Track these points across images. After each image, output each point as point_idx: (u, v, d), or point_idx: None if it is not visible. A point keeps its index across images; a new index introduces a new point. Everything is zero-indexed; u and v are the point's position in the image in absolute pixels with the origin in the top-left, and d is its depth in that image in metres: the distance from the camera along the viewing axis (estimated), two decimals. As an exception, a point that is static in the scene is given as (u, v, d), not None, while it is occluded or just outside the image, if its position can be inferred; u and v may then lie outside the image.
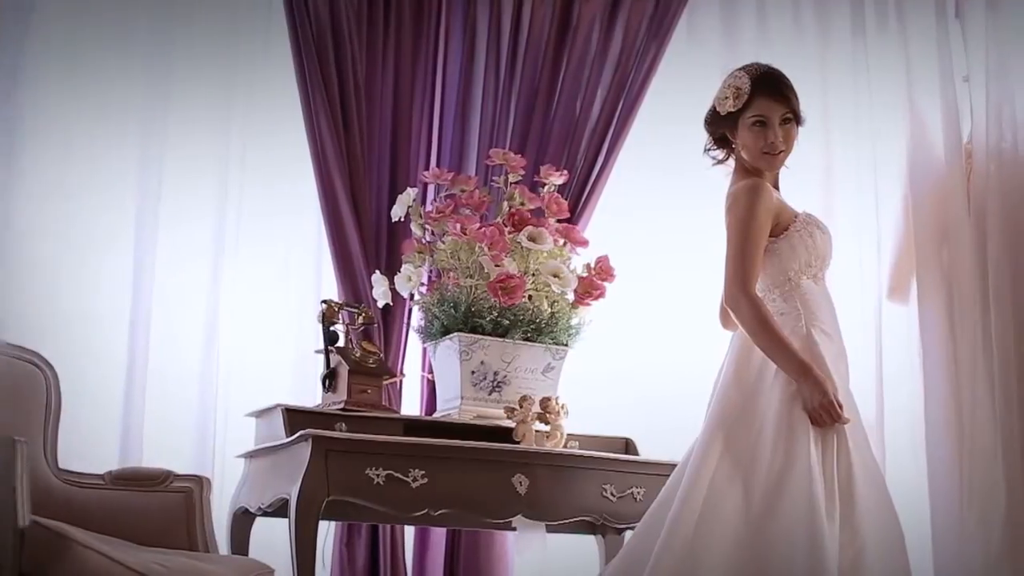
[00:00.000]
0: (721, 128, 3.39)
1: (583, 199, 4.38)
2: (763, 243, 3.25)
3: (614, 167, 4.41)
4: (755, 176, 3.33)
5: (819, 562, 2.89)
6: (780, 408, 3.14)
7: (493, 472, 3.46)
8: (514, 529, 3.87)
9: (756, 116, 3.30)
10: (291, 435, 3.38)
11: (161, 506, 3.23)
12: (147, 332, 4.04)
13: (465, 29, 4.61)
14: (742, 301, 3.19)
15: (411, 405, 4.39)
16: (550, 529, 3.79)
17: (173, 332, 4.10)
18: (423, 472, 3.37)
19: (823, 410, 3.08)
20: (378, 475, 3.33)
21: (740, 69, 3.38)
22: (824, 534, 2.93)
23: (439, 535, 4.28)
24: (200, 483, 3.29)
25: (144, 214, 4.13)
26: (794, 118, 3.33)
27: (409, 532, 4.28)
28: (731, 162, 3.45)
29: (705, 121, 3.45)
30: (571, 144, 4.43)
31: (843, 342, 3.35)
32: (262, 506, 3.51)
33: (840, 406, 3.10)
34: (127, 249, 4.09)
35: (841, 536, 3.00)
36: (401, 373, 4.37)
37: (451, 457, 3.42)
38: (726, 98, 3.35)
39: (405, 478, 3.35)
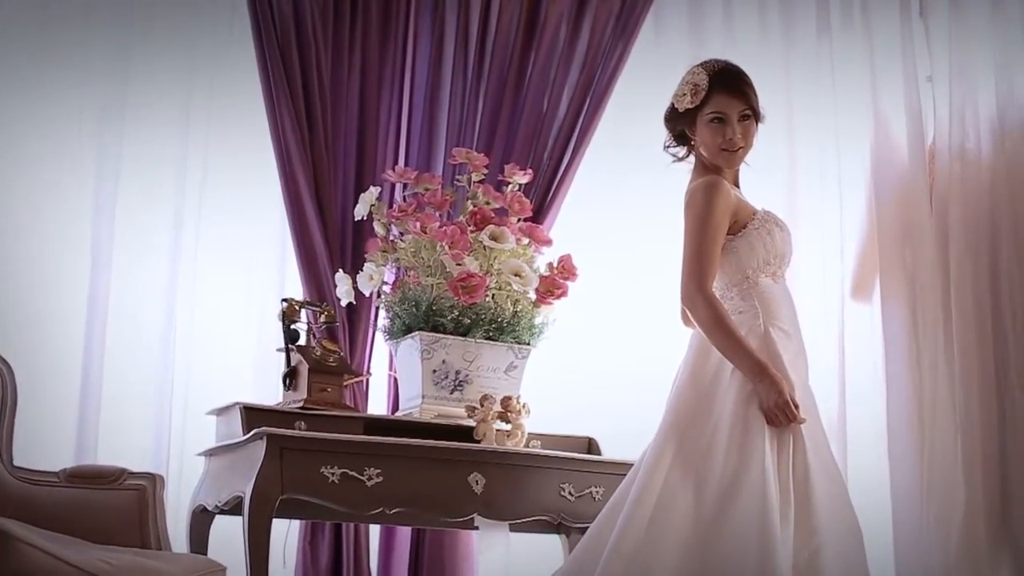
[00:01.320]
0: (680, 125, 3.38)
1: (549, 197, 4.37)
2: (720, 241, 3.23)
3: (580, 166, 4.40)
4: (714, 173, 3.31)
5: (769, 565, 2.87)
6: (736, 408, 3.12)
7: (449, 471, 3.45)
8: (476, 528, 3.87)
9: (714, 113, 3.28)
10: (248, 433, 3.38)
11: (114, 504, 3.22)
12: (103, 329, 4.03)
13: (433, 29, 4.60)
14: (698, 300, 3.17)
15: (378, 404, 4.38)
16: (512, 528, 3.78)
17: (130, 330, 4.09)
18: (378, 471, 3.37)
19: (779, 410, 3.06)
20: (333, 473, 3.33)
21: (698, 65, 3.37)
22: (776, 537, 2.90)
23: (404, 534, 4.27)
24: (154, 481, 3.28)
25: (101, 211, 4.11)
26: (753, 115, 3.31)
27: (375, 531, 4.28)
28: (692, 159, 3.45)
29: (664, 118, 3.44)
30: (537, 143, 4.43)
31: (802, 341, 3.34)
32: (219, 504, 3.51)
33: (796, 406, 3.08)
34: (84, 247, 4.08)
35: (797, 537, 2.98)
36: (368, 372, 4.36)
37: (407, 456, 3.42)
38: (684, 95, 3.33)
39: (360, 476, 3.35)
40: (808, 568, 2.96)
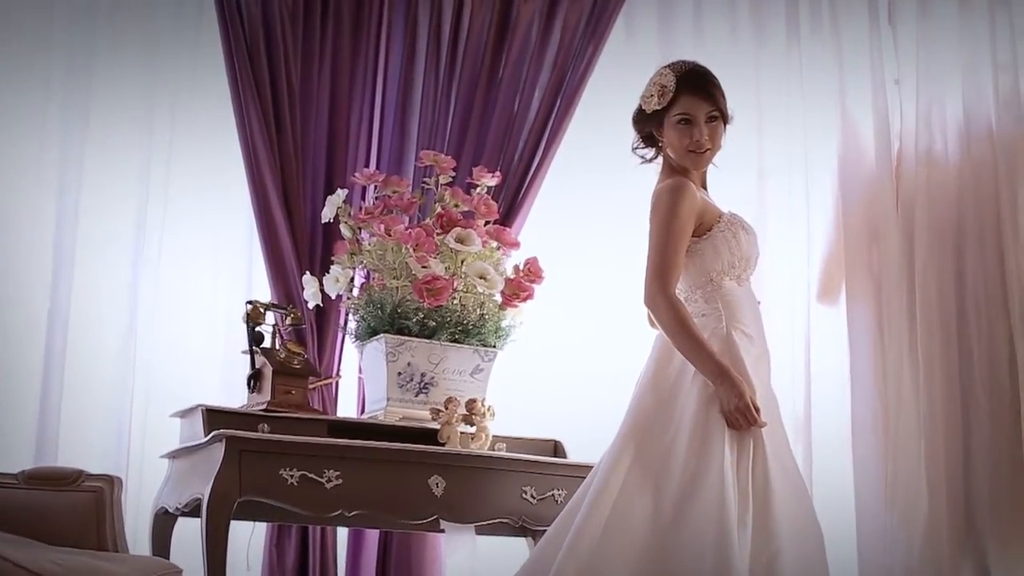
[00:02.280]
0: (647, 126, 3.37)
1: (519, 199, 4.37)
2: (684, 243, 3.22)
3: (551, 168, 4.40)
4: (681, 175, 3.31)
5: (726, 569, 2.86)
6: (697, 410, 3.11)
7: (409, 473, 3.45)
8: (442, 531, 3.86)
9: (681, 114, 3.27)
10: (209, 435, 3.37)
11: (72, 506, 3.20)
12: (65, 330, 4.02)
13: (406, 30, 4.60)
14: (661, 302, 3.16)
15: (349, 406, 4.37)
16: (478, 531, 3.78)
17: (92, 331, 4.08)
18: (338, 473, 3.36)
19: (739, 413, 3.05)
20: (292, 476, 3.32)
21: (666, 67, 3.36)
22: (733, 541, 2.89)
23: (372, 537, 4.26)
24: (111, 483, 3.27)
25: (64, 212, 4.11)
26: (720, 116, 3.30)
27: (342, 534, 4.27)
28: (660, 161, 3.44)
29: (632, 120, 3.42)
30: (508, 144, 4.42)
31: (766, 344, 3.34)
32: (179, 506, 3.51)
33: (757, 409, 3.07)
34: (46, 248, 4.07)
35: (755, 541, 2.97)
36: (337, 374, 4.36)
37: (366, 458, 3.42)
38: (651, 96, 3.33)
39: (319, 479, 3.35)
40: (766, 572, 2.95)
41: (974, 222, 3.82)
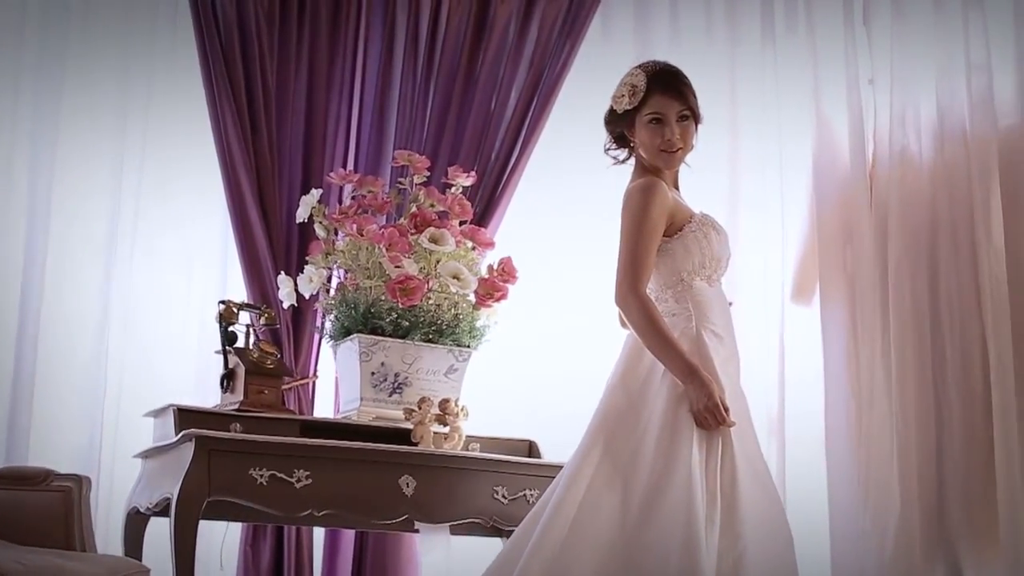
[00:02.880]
0: (619, 127, 3.36)
1: (496, 198, 4.37)
2: (655, 243, 3.22)
3: (528, 169, 4.40)
4: (653, 175, 3.31)
5: (692, 570, 2.86)
6: (666, 410, 3.10)
7: (379, 473, 3.46)
8: (417, 531, 3.86)
9: (652, 113, 3.27)
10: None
11: (40, 505, 3.21)
12: (36, 329, 4.04)
13: (384, 30, 4.60)
14: (631, 301, 3.16)
15: (326, 406, 4.37)
16: (455, 531, 3.77)
17: (64, 331, 4.09)
18: (307, 473, 3.37)
19: (708, 413, 3.05)
20: (261, 475, 3.33)
21: (636, 67, 3.36)
22: (700, 542, 2.88)
23: (348, 537, 4.27)
24: (80, 482, 3.28)
25: (35, 211, 4.12)
26: (692, 115, 3.29)
27: (319, 534, 4.27)
28: (633, 161, 3.44)
29: (604, 120, 3.42)
30: (485, 143, 4.43)
31: (736, 344, 3.33)
32: (150, 506, 3.51)
33: (726, 409, 3.07)
34: (17, 246, 4.08)
35: (722, 541, 2.96)
36: (314, 375, 4.36)
37: (337, 458, 3.42)
38: (622, 96, 3.32)
39: (289, 478, 3.35)
40: (732, 572, 2.95)
41: (947, 222, 3.81)
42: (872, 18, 4.02)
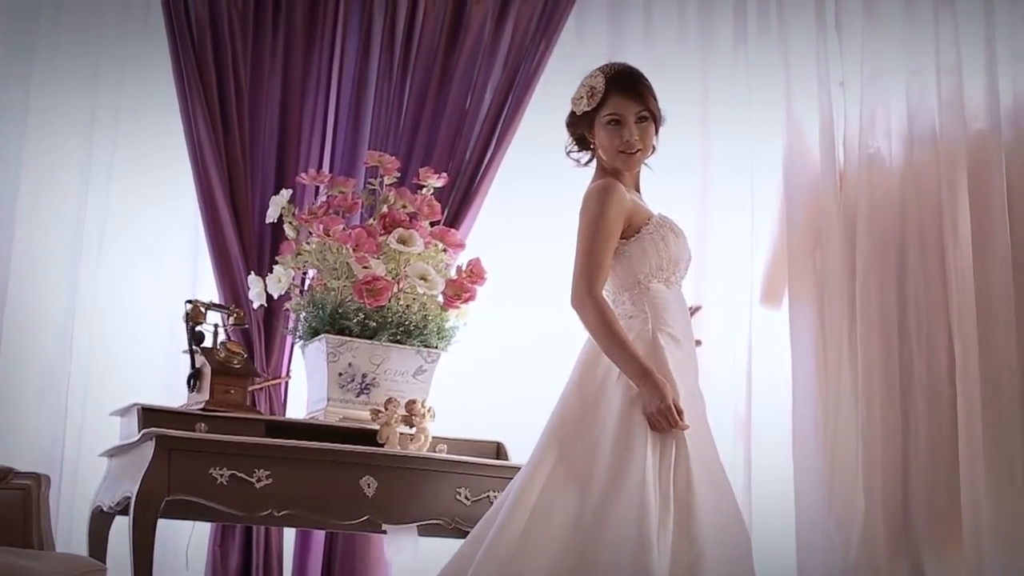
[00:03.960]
0: (579, 128, 3.37)
1: (468, 199, 4.36)
2: (612, 245, 3.21)
3: (501, 171, 4.40)
4: (613, 177, 3.30)
5: (643, 571, 2.86)
6: (621, 412, 3.10)
7: (340, 473, 3.46)
8: (384, 532, 3.86)
9: (611, 115, 3.27)
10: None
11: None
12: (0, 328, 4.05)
13: (360, 31, 4.61)
14: (587, 303, 3.15)
15: (299, 407, 4.37)
16: (424, 532, 3.77)
17: (28, 330, 4.10)
18: (268, 472, 3.38)
19: (661, 415, 3.04)
20: (222, 475, 3.33)
21: (596, 69, 3.37)
22: (652, 545, 2.88)
23: (319, 537, 4.27)
24: (39, 481, 3.28)
25: (2, 206, 4.12)
26: (651, 117, 3.29)
27: (289, 534, 4.27)
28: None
29: (565, 123, 3.42)
30: (458, 144, 4.43)
31: (693, 347, 3.33)
32: (112, 505, 3.51)
33: (680, 412, 3.06)
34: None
35: (677, 545, 2.95)
36: (287, 375, 4.36)
37: (298, 458, 3.42)
38: (581, 98, 3.33)
39: (249, 478, 3.36)
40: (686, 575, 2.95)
41: (916, 225, 3.81)
42: (843, 21, 4.02)
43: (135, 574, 3.22)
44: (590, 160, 3.43)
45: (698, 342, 3.43)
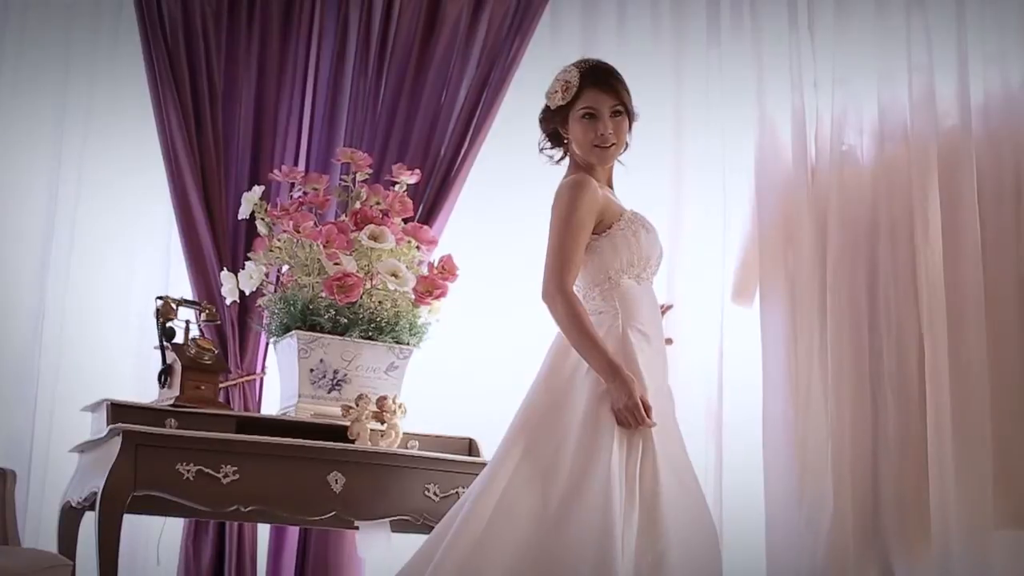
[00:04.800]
0: (553, 123, 3.37)
1: (442, 196, 4.36)
2: (583, 240, 3.21)
3: (475, 168, 4.40)
4: (586, 172, 3.31)
5: (606, 568, 2.86)
6: (588, 407, 3.10)
7: (308, 469, 3.46)
8: (356, 528, 3.86)
9: (586, 108, 3.28)
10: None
11: (-35, 499, 3.22)
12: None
13: (337, 28, 4.61)
14: (557, 298, 3.16)
15: (275, 403, 4.37)
16: (393, 528, 3.77)
17: (1, 323, 4.10)
18: (235, 468, 3.38)
19: (628, 412, 3.04)
20: (189, 470, 3.33)
21: (570, 64, 3.38)
22: (616, 542, 2.88)
23: (293, 533, 4.27)
24: (5, 476, 3.29)
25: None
26: (625, 111, 3.30)
27: (263, 530, 4.27)
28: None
29: (539, 119, 3.43)
30: (432, 141, 4.43)
31: (663, 344, 3.33)
32: (80, 500, 3.52)
33: (647, 409, 3.06)
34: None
35: (642, 541, 2.95)
36: (262, 371, 4.37)
37: (265, 454, 3.43)
38: (555, 92, 3.33)
39: (216, 474, 3.36)
40: (651, 572, 2.94)
41: (887, 222, 3.80)
42: (816, 21, 4.01)
43: (100, 569, 3.21)
44: (563, 157, 3.44)
45: (669, 341, 3.44)
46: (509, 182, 4.40)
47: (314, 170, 4.37)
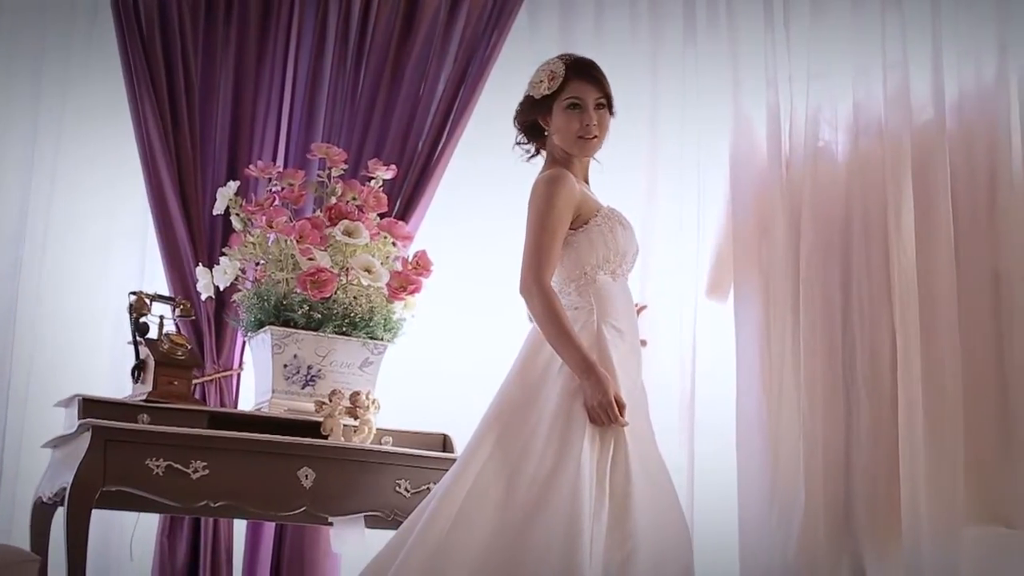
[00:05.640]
0: (534, 115, 3.36)
1: (418, 192, 4.35)
2: (561, 234, 3.21)
3: (452, 164, 4.39)
4: (563, 167, 3.30)
5: (573, 566, 2.86)
6: (560, 402, 3.10)
7: (278, 465, 3.47)
8: (330, 524, 3.86)
9: (571, 98, 3.30)
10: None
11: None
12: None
13: (315, 24, 4.60)
14: (535, 292, 3.16)
15: (252, 399, 4.37)
16: (368, 524, 3.77)
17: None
18: (205, 464, 3.38)
19: (602, 409, 3.04)
20: (158, 466, 3.34)
21: (554, 57, 3.40)
22: (583, 539, 2.88)
23: (269, 529, 4.26)
24: (-24, 472, 3.29)
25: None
26: (607, 104, 3.33)
27: (240, 527, 4.27)
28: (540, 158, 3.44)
29: (517, 111, 3.42)
30: (410, 137, 4.42)
31: (637, 341, 3.34)
32: (51, 495, 3.52)
33: (621, 407, 3.06)
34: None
35: (612, 539, 2.96)
36: (239, 367, 4.36)
37: (235, 449, 3.43)
38: (540, 82, 3.34)
39: (185, 469, 3.36)
40: (620, 571, 2.94)
41: (861, 217, 3.79)
42: (792, 19, 4.00)
43: (69, 564, 3.21)
44: (535, 154, 3.44)
45: (643, 343, 3.44)
46: (487, 178, 4.39)
47: (293, 166, 4.37)
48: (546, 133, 3.36)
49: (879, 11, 3.87)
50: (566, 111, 3.29)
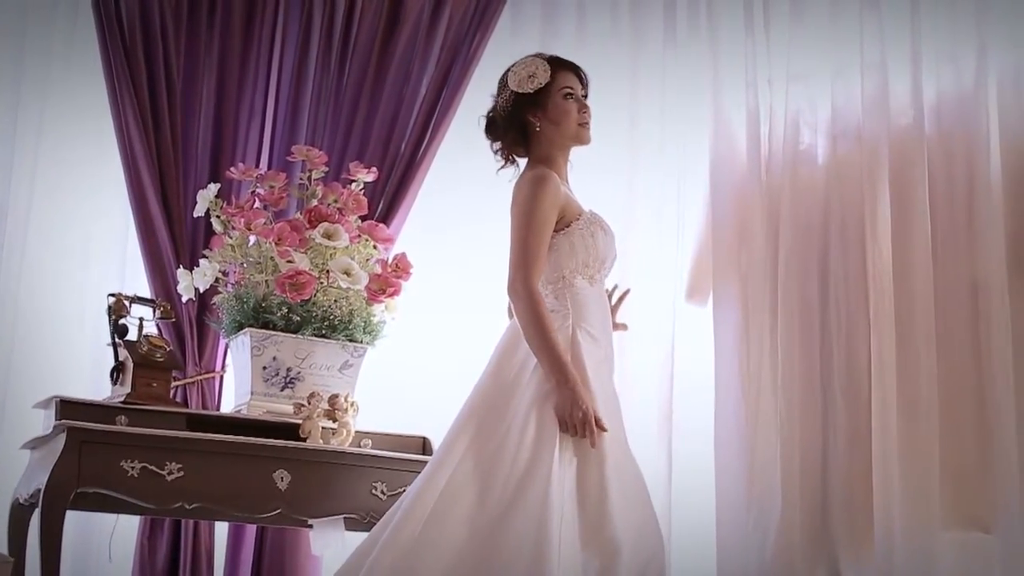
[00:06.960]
0: (526, 112, 3.32)
1: (400, 194, 4.36)
2: (547, 235, 3.20)
3: (434, 167, 4.40)
4: (548, 167, 3.29)
5: (542, 568, 2.85)
6: (532, 405, 3.09)
7: (253, 467, 3.47)
8: (310, 526, 3.86)
9: (567, 87, 3.32)
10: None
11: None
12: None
13: (300, 27, 4.61)
14: (522, 293, 3.14)
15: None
16: (349, 527, 3.77)
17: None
18: (180, 465, 3.38)
19: (579, 423, 3.02)
20: (133, 467, 3.34)
21: (525, 57, 3.38)
22: (552, 544, 2.87)
23: (250, 531, 4.27)
24: (-46, 474, 3.29)
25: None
26: (586, 98, 3.37)
27: (222, 529, 4.28)
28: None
29: (503, 112, 3.36)
30: (392, 139, 4.43)
31: (612, 347, 3.33)
32: (27, 497, 3.52)
33: (599, 422, 3.04)
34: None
35: (591, 547, 2.96)
36: (222, 369, 4.37)
37: (210, 451, 3.43)
38: (531, 76, 3.33)
39: (160, 471, 3.36)
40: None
41: (838, 220, 3.78)
42: (771, 22, 4.00)
43: (43, 566, 3.22)
44: (508, 160, 3.42)
45: (624, 326, 3.44)
46: (469, 181, 4.39)
47: (276, 168, 4.37)
48: (538, 128, 3.32)
49: (857, 12, 3.86)
50: (565, 100, 3.30)
